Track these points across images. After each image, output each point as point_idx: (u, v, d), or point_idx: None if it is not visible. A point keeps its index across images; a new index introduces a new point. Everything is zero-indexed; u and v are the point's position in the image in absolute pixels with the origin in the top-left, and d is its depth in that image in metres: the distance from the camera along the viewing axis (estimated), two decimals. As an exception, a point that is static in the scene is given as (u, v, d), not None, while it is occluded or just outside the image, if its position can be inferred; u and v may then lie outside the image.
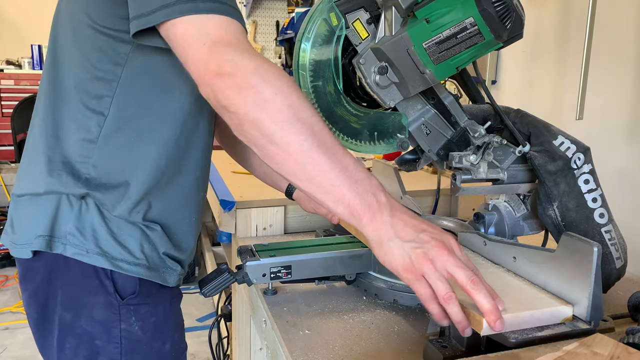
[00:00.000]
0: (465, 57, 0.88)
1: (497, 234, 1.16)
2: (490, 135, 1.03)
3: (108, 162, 0.94)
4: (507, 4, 0.82)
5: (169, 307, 1.05)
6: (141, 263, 0.97)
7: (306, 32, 0.97)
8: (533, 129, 1.06)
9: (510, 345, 0.78)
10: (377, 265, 1.14)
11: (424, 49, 0.87)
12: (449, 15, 0.84)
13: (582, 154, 1.04)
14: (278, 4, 5.13)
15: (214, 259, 3.58)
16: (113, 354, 0.98)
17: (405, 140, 1.00)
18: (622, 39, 1.39)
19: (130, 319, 0.98)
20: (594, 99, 1.41)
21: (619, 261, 1.05)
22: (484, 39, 0.84)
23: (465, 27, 0.84)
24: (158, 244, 0.99)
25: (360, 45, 0.95)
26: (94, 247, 0.93)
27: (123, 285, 0.97)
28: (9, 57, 5.43)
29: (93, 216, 0.94)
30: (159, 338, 1.04)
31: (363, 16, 0.94)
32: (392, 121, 1.01)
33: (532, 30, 1.75)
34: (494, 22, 0.82)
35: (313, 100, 0.99)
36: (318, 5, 0.96)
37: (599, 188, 1.05)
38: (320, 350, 0.93)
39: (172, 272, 1.02)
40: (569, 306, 0.83)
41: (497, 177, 1.08)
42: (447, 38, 0.85)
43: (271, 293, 1.14)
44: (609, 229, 1.04)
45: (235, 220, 1.47)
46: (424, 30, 0.86)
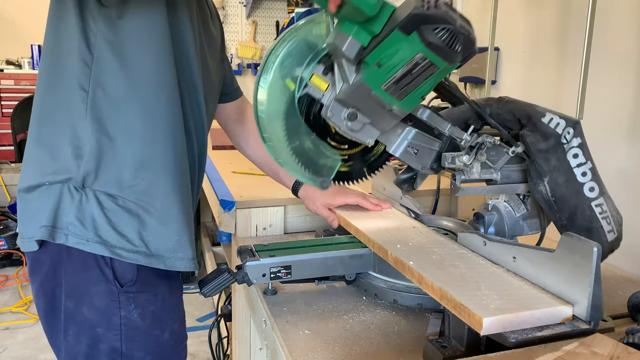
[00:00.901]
0: (427, 87, 0.88)
1: (497, 234, 1.16)
2: (484, 136, 1.03)
3: (98, 136, 0.98)
4: (451, 29, 0.81)
5: (168, 296, 1.08)
6: (140, 250, 1.00)
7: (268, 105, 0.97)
8: (519, 113, 1.05)
9: (510, 345, 0.78)
10: (377, 265, 1.14)
11: (383, 90, 0.88)
12: (398, 56, 0.83)
13: (572, 128, 1.03)
14: (278, 4, 5.13)
15: (214, 259, 3.58)
16: (113, 340, 1.02)
17: (326, 180, 0.99)
18: (622, 39, 1.39)
19: (129, 306, 1.02)
20: (594, 98, 1.41)
21: (611, 234, 1.05)
22: (439, 67, 0.84)
23: (416, 62, 0.83)
24: (159, 230, 1.02)
25: (323, 97, 0.95)
26: (94, 236, 0.97)
27: (122, 273, 1.00)
28: (9, 57, 5.43)
29: (92, 207, 0.98)
30: (158, 326, 1.06)
31: (318, 69, 0.94)
32: (326, 161, 1.00)
33: (532, 30, 1.75)
34: (443, 51, 0.81)
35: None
36: (273, 77, 0.95)
37: (588, 162, 1.04)
38: (320, 350, 0.93)
39: (179, 259, 1.04)
40: (568, 306, 0.83)
41: (490, 178, 1.08)
42: (403, 76, 0.85)
43: (271, 293, 1.14)
44: (599, 202, 1.04)
45: (235, 220, 1.47)
46: (378, 75, 0.86)
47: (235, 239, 1.49)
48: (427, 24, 0.80)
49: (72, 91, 0.98)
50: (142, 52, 0.99)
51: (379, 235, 1.11)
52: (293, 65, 0.94)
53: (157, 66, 1.00)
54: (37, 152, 1.01)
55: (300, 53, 0.93)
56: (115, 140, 0.99)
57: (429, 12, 0.80)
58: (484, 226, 1.17)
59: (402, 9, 0.82)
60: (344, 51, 0.85)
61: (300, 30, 0.94)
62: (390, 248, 1.04)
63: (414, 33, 0.81)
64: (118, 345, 1.02)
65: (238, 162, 2.03)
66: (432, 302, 0.99)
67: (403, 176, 1.11)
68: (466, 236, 1.07)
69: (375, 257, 1.13)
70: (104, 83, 0.98)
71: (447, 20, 0.80)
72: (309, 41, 0.93)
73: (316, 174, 0.99)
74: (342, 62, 0.89)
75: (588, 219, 1.04)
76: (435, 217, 1.35)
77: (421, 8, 0.80)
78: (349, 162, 1.05)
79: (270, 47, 0.94)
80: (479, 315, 0.77)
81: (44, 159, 1.00)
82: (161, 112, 1.01)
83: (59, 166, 0.99)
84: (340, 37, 0.85)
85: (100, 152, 0.98)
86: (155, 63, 1.00)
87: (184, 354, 1.15)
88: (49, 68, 1.01)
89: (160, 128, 1.02)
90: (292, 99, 0.95)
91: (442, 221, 1.32)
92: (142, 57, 0.99)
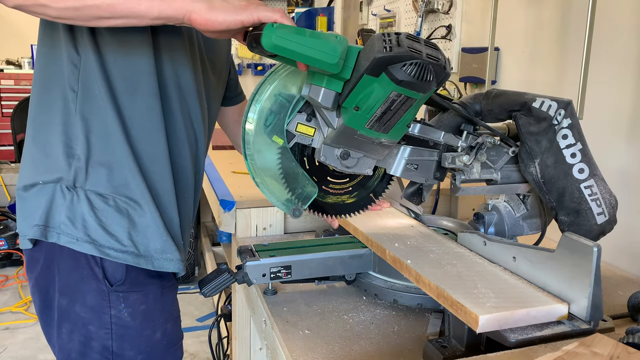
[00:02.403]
0: (410, 116, 0.89)
1: (497, 234, 1.16)
2: (483, 136, 1.03)
3: (87, 136, 1.00)
4: (418, 63, 0.80)
5: (160, 296, 1.08)
6: (128, 250, 1.01)
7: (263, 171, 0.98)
8: (510, 105, 1.05)
9: (510, 345, 0.78)
10: (377, 265, 1.14)
11: (368, 129, 0.89)
12: (373, 98, 0.84)
13: (563, 109, 1.03)
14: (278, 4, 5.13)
15: (214, 259, 3.58)
16: (104, 339, 1.03)
17: (298, 209, 1.00)
18: (622, 39, 1.39)
19: (119, 305, 1.03)
20: (594, 98, 1.41)
21: (601, 216, 1.04)
22: (416, 99, 0.85)
23: (392, 100, 0.84)
24: (147, 229, 1.02)
25: (313, 141, 0.97)
26: (83, 235, 0.99)
27: (113, 272, 1.01)
28: (9, 57, 5.43)
29: (83, 206, 0.99)
30: (149, 326, 1.07)
31: (301, 118, 0.96)
32: (304, 192, 1.00)
33: (532, 30, 1.75)
34: (415, 85, 0.82)
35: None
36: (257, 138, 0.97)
37: (578, 143, 1.04)
38: (320, 350, 0.93)
39: (168, 260, 1.04)
40: (564, 304, 0.84)
41: (490, 178, 1.08)
42: (383, 113, 0.87)
43: (271, 293, 1.14)
44: (589, 184, 1.03)
45: (235, 220, 1.47)
46: (359, 117, 0.87)
47: (235, 239, 1.49)
48: (393, 64, 0.80)
49: (63, 92, 0.99)
50: (121, 55, 1.00)
51: (377, 234, 1.11)
52: (276, 123, 0.96)
53: (133, 71, 1.01)
54: (32, 151, 1.03)
55: (280, 107, 0.95)
56: (103, 140, 1.00)
57: (392, 53, 0.80)
58: (484, 226, 1.17)
59: (367, 52, 0.82)
60: (321, 102, 0.87)
61: (275, 84, 0.95)
62: (388, 247, 1.04)
63: (383, 74, 0.81)
64: (109, 344, 1.03)
65: (238, 162, 2.03)
66: (432, 302, 1.00)
67: (410, 190, 1.12)
68: (466, 236, 1.07)
69: (375, 257, 1.13)
70: (91, 84, 0.99)
71: (412, 56, 0.80)
72: (285, 94, 0.95)
73: (291, 202, 1.00)
74: (322, 111, 0.91)
75: (577, 201, 1.04)
76: (435, 217, 1.35)
77: (384, 50, 0.80)
78: (354, 193, 1.07)
79: (253, 93, 0.96)
80: (475, 313, 0.78)
81: (39, 158, 1.01)
82: (138, 117, 1.02)
83: (51, 165, 1.00)
84: (314, 90, 0.88)
85: (89, 152, 0.99)
86: (130, 69, 1.01)
87: (179, 354, 1.15)
88: (42, 70, 1.03)
89: (140, 134, 1.02)
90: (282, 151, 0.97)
91: (442, 221, 1.32)
92: (121, 60, 1.00)
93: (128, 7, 0.84)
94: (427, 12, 2.33)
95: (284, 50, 0.81)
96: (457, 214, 1.67)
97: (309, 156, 1.01)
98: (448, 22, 2.21)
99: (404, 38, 0.82)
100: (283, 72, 0.95)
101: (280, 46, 0.80)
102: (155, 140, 1.04)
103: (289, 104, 0.95)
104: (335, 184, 1.04)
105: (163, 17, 0.86)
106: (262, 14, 0.85)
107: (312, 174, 1.01)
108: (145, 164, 1.03)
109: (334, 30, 3.88)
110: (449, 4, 2.20)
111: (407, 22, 2.62)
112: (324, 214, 1.05)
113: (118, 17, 0.85)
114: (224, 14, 0.84)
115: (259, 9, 0.85)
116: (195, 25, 0.86)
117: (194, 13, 0.85)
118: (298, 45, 0.80)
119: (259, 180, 0.98)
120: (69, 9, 0.84)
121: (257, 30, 0.83)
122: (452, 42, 2.19)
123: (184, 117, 1.09)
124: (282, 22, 0.83)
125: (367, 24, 3.14)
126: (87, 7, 0.83)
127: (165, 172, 1.06)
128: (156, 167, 1.05)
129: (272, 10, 0.85)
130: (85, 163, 0.99)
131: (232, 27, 0.86)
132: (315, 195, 1.00)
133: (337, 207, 1.06)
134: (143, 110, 1.02)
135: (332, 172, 1.03)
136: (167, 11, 0.85)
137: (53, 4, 0.83)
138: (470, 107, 1.07)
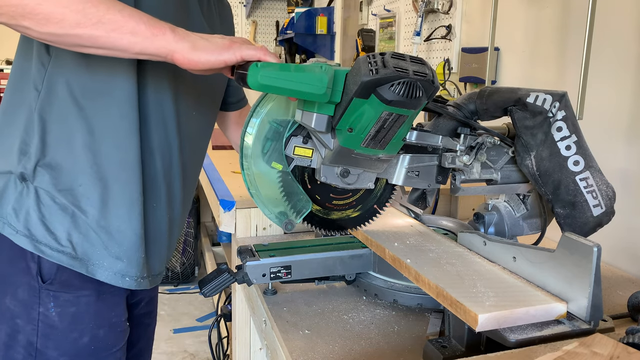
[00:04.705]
0: (404, 130, 0.90)
1: (497, 234, 1.16)
2: (484, 136, 1.03)
3: (42, 136, 0.99)
4: (406, 81, 0.81)
5: (94, 301, 1.06)
6: (65, 251, 1.00)
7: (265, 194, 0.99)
8: (504, 103, 1.05)
9: (510, 345, 0.78)
10: (377, 265, 1.14)
11: (364, 147, 0.90)
12: (365, 119, 0.85)
13: (557, 101, 1.03)
14: (278, 4, 5.13)
15: (213, 259, 3.58)
16: (30, 334, 1.02)
17: (290, 222, 1.00)
18: (622, 39, 1.39)
19: (49, 304, 1.02)
20: (594, 98, 1.41)
21: (597, 208, 1.04)
22: (408, 115, 0.85)
23: (384, 119, 0.85)
24: (90, 234, 1.01)
25: (312, 162, 0.98)
26: (23, 228, 0.99)
27: (48, 270, 1.01)
28: (9, 57, 5.43)
29: (30, 200, 0.99)
30: (76, 329, 1.05)
31: (297, 141, 0.96)
32: (298, 204, 1.00)
33: (532, 30, 1.75)
34: (405, 102, 0.82)
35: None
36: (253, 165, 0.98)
37: (573, 135, 1.04)
38: (320, 350, 0.93)
39: (104, 268, 1.02)
40: (562, 303, 0.84)
41: (490, 178, 1.08)
42: (377, 132, 0.87)
43: (271, 293, 1.14)
44: (585, 176, 1.04)
45: (235, 220, 1.47)
46: (354, 138, 0.88)
47: (235, 239, 1.49)
48: (381, 85, 0.81)
49: (29, 90, 0.99)
50: (98, 60, 0.97)
51: (377, 234, 1.11)
52: (274, 149, 0.97)
53: (112, 76, 0.99)
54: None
55: (275, 134, 0.96)
56: (58, 143, 0.99)
57: (379, 76, 0.80)
58: (484, 226, 1.17)
59: (354, 76, 0.83)
60: (314, 127, 0.89)
61: (268, 113, 0.96)
62: (388, 246, 1.04)
63: (372, 95, 0.82)
64: (34, 340, 1.03)
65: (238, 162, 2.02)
66: (432, 302, 1.00)
67: (413, 195, 1.13)
68: (466, 236, 1.07)
69: (375, 257, 1.13)
70: (55, 86, 0.98)
71: (399, 75, 0.81)
72: (279, 120, 0.96)
73: (284, 215, 1.00)
74: (317, 134, 0.92)
75: (572, 193, 1.04)
76: (435, 217, 1.35)
77: (370, 74, 0.80)
78: (358, 206, 1.07)
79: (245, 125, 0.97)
80: (475, 312, 0.78)
81: (1, 148, 1.02)
82: (111, 123, 1.00)
83: (6, 157, 1.00)
84: (306, 116, 0.89)
85: (41, 153, 0.99)
86: (110, 73, 0.99)
87: (112, 359, 1.12)
88: (17, 66, 1.04)
89: (108, 139, 1.00)
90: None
91: (442, 221, 1.32)
92: (97, 65, 0.98)
93: (110, 41, 0.83)
94: (427, 12, 2.33)
95: (271, 88, 0.83)
96: (457, 214, 1.67)
97: (310, 175, 1.01)
98: (448, 22, 2.21)
99: (389, 58, 0.82)
100: (267, 107, 0.96)
101: (266, 85, 0.82)
102: (127, 147, 1.02)
103: (283, 129, 0.96)
104: (338, 199, 1.05)
105: (145, 55, 0.86)
106: (244, 53, 0.86)
107: (315, 192, 1.02)
108: (112, 171, 1.01)
109: (334, 30, 3.88)
110: (449, 4, 2.20)
111: (407, 22, 2.62)
112: (330, 230, 1.06)
113: (99, 48, 0.85)
114: (207, 55, 0.85)
115: (242, 47, 0.86)
116: (179, 65, 0.86)
117: (176, 53, 0.85)
118: (284, 82, 0.82)
119: (254, 192, 0.99)
120: (51, 35, 0.83)
121: (242, 70, 0.84)
122: (452, 42, 2.19)
123: (157, 125, 1.06)
124: (265, 60, 0.84)
125: (367, 24, 3.14)
126: (68, 35, 0.82)
127: (134, 179, 1.03)
128: (124, 174, 1.02)
129: (255, 48, 0.86)
130: (34, 163, 0.98)
131: (215, 66, 0.87)
132: (309, 209, 1.00)
133: (342, 222, 1.07)
134: (116, 116, 1.00)
135: (334, 189, 1.03)
136: (149, 49, 0.85)
137: (35, 26, 0.81)
138: (465, 108, 1.07)
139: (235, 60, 0.86)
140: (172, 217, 1.15)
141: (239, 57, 0.86)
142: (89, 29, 0.82)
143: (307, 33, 3.93)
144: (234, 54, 0.85)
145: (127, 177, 1.03)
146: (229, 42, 0.87)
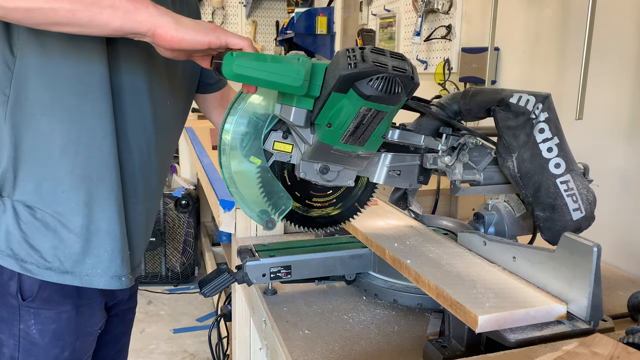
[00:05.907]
0: (384, 127, 0.89)
1: (497, 234, 1.16)
2: (466, 137, 1.02)
3: (16, 143, 0.95)
4: (385, 76, 0.80)
5: (74, 316, 1.05)
6: (52, 267, 0.98)
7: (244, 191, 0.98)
8: (488, 104, 1.04)
9: (510, 345, 0.78)
10: (377, 265, 1.14)
11: (343, 144, 0.89)
12: (344, 114, 0.84)
13: (540, 103, 1.02)
14: (278, 4, 5.13)
15: (213, 259, 3.58)
16: (13, 349, 1.01)
17: (271, 220, 0.99)
18: (622, 39, 1.39)
19: (29, 321, 1.00)
20: (594, 98, 1.41)
21: (577, 212, 1.03)
22: (387, 111, 0.84)
23: (363, 114, 0.84)
24: (77, 245, 0.99)
25: (291, 157, 0.97)
26: (5, 248, 0.95)
27: (30, 287, 0.99)
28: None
29: (9, 217, 0.96)
30: (58, 345, 1.04)
31: (277, 136, 0.95)
32: (279, 202, 0.99)
33: (532, 30, 1.75)
34: (384, 98, 0.81)
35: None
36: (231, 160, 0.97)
37: (555, 137, 1.03)
38: (320, 350, 0.93)
39: (99, 275, 1.01)
40: (562, 304, 0.84)
41: (473, 179, 1.07)
42: (356, 128, 0.86)
43: (271, 293, 1.14)
44: (565, 179, 1.03)
45: (235, 220, 1.47)
46: (332, 133, 0.87)
47: (235, 239, 1.49)
48: (359, 80, 0.80)
49: None
50: (71, 56, 0.94)
51: (377, 234, 1.11)
52: (252, 143, 0.95)
53: (85, 72, 0.96)
54: None
55: (254, 128, 0.95)
56: (35, 149, 0.95)
57: (357, 70, 0.79)
58: (484, 226, 1.17)
59: (333, 70, 0.82)
60: (293, 122, 0.88)
61: (246, 107, 0.94)
62: (388, 247, 1.04)
63: (351, 90, 0.81)
64: (16, 355, 1.02)
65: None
66: (432, 302, 0.99)
67: (395, 195, 1.11)
68: (466, 236, 1.07)
69: (375, 257, 1.13)
70: (26, 88, 0.93)
71: (378, 70, 0.79)
72: (258, 113, 0.94)
73: (265, 213, 0.99)
74: (296, 128, 0.91)
75: (552, 196, 1.03)
76: (435, 217, 1.35)
77: (349, 67, 0.79)
78: (338, 204, 1.06)
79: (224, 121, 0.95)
80: (475, 313, 0.78)
81: None
82: (87, 122, 0.97)
83: None
84: (285, 110, 0.88)
85: (17, 161, 0.95)
86: (81, 68, 0.95)
87: None
88: None
89: (85, 140, 0.97)
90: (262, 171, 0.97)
91: (442, 221, 1.32)
92: (70, 62, 0.94)
93: (89, 15, 0.78)
94: (427, 12, 2.33)
95: (246, 78, 0.81)
96: (457, 214, 1.67)
97: (290, 171, 1.00)
98: (448, 22, 2.21)
99: (369, 52, 0.81)
100: (246, 102, 0.94)
101: (241, 74, 0.81)
102: (104, 145, 0.99)
103: (263, 123, 0.94)
104: (318, 197, 1.04)
105: (124, 30, 0.81)
106: (230, 39, 0.84)
107: (295, 189, 1.01)
108: (93, 172, 0.99)
109: (334, 30, 3.89)
110: (449, 4, 2.20)
111: (407, 22, 2.62)
112: (309, 227, 1.04)
113: (76, 24, 0.79)
114: (191, 33, 0.82)
115: (226, 33, 0.84)
116: (158, 42, 0.82)
117: (159, 28, 0.81)
118: (259, 72, 0.81)
119: (233, 190, 0.97)
120: (18, 10, 0.76)
121: (218, 59, 0.82)
122: (452, 42, 2.19)
123: (134, 119, 1.04)
124: (246, 51, 0.83)
125: (367, 24, 3.14)
126: (40, 9, 0.76)
127: (111, 177, 1.01)
128: (99, 172, 1.00)
129: (240, 37, 0.84)
130: (13, 173, 0.95)
131: (198, 47, 0.83)
132: (290, 207, 0.99)
133: (322, 220, 1.06)
134: (92, 115, 0.97)
135: (314, 186, 1.02)
136: (130, 23, 0.80)
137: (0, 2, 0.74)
138: (449, 108, 1.06)
139: (218, 43, 0.83)
140: (148, 208, 1.15)
141: (223, 42, 0.83)
142: (66, 2, 0.77)
143: (307, 33, 3.93)
144: (218, 38, 0.83)
145: (109, 176, 1.01)
146: (214, 26, 0.84)
